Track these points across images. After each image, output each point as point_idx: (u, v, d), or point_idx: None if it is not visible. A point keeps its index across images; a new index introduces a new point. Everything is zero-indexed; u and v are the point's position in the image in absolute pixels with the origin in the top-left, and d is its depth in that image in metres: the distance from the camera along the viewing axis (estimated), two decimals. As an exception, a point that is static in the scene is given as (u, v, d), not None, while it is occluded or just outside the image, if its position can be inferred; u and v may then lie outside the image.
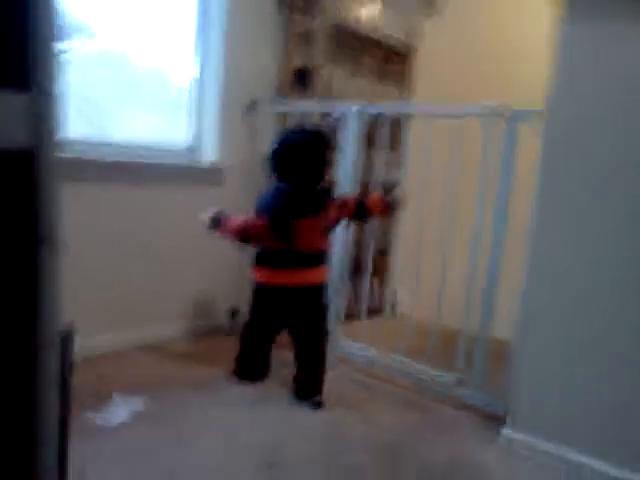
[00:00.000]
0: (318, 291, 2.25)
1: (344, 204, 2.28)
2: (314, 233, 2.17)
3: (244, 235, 2.13)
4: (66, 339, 1.02)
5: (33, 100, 0.66)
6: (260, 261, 2.22)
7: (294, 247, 2.15)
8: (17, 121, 0.67)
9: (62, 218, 0.86)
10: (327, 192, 2.25)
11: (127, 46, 2.59)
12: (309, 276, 2.20)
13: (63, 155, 0.79)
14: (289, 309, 2.22)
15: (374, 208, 2.31)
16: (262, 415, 2.04)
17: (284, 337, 2.30)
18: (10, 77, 0.66)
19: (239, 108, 2.86)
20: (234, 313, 2.92)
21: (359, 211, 2.30)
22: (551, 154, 1.87)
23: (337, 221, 2.30)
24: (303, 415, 2.07)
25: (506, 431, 1.99)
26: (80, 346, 1.37)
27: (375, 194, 2.45)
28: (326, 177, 2.24)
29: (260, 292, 2.25)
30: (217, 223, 2.17)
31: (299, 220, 2.12)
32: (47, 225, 0.81)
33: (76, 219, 1.82)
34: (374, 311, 3.21)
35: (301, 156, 2.13)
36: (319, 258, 2.24)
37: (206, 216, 2.18)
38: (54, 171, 0.73)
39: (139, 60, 2.66)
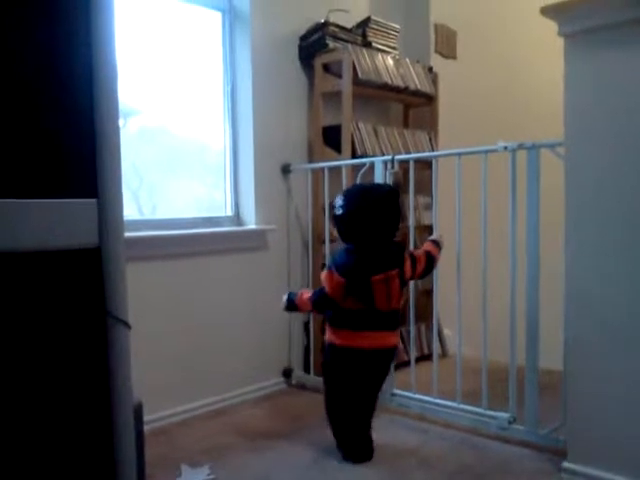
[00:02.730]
0: (391, 354, 2.21)
1: (415, 260, 2.18)
2: (393, 291, 2.09)
3: (319, 303, 2.16)
4: (137, 410, 1.11)
5: (100, 206, 0.77)
6: (337, 323, 2.15)
7: (375, 306, 2.09)
8: (87, 224, 0.78)
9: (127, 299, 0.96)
10: (402, 247, 2.18)
11: (166, 120, 2.75)
12: (388, 339, 2.15)
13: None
14: (363, 372, 2.15)
15: (437, 257, 2.27)
16: (323, 472, 2.07)
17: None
18: (80, 187, 0.77)
19: (274, 172, 2.96)
20: (287, 373, 3.00)
21: (429, 265, 2.23)
22: (574, 185, 1.93)
23: (410, 278, 2.22)
24: (364, 468, 2.10)
25: (567, 464, 1.97)
26: (145, 419, 1.45)
27: (427, 243, 2.33)
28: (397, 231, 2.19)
29: (339, 355, 2.15)
30: (292, 304, 2.24)
31: (377, 277, 2.06)
32: (115, 308, 0.91)
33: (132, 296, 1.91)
34: (424, 355, 3.22)
35: (367, 219, 2.08)
36: (397, 319, 2.19)
37: (282, 302, 2.26)
38: (119, 263, 0.84)
39: (178, 132, 2.81)
